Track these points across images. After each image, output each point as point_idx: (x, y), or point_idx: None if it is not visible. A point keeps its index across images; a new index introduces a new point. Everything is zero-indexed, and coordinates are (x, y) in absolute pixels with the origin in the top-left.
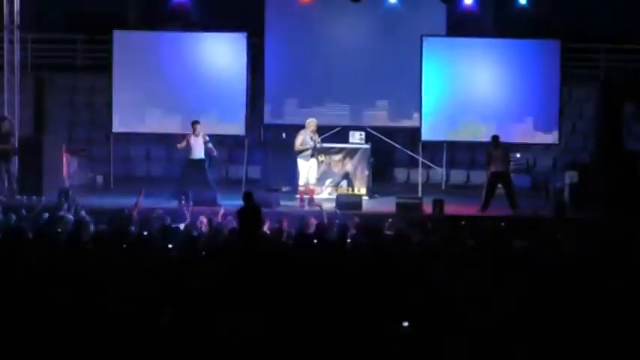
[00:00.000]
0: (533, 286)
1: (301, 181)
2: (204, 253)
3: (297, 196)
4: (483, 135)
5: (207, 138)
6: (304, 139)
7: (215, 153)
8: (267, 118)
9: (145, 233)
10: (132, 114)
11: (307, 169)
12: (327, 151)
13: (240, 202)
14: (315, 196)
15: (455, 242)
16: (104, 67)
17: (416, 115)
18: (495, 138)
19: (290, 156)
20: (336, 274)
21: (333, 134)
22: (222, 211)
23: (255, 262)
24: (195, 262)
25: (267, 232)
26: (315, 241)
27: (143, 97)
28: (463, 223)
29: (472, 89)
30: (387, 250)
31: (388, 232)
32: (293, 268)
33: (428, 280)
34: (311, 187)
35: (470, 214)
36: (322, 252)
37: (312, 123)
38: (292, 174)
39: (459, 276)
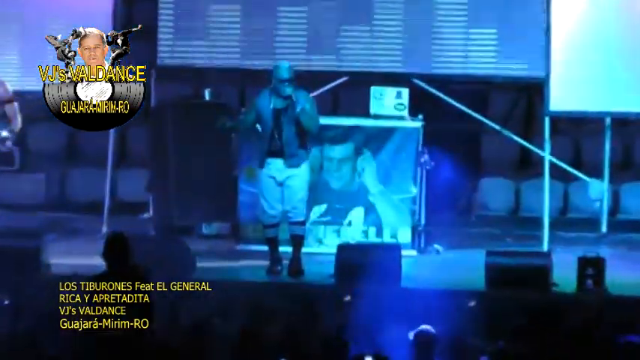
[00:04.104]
0: None
1: (270, 207)
2: None
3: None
4: None
5: (11, 93)
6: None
7: (17, 126)
8: (165, 55)
9: None
10: None
11: (273, 187)
12: (317, 138)
13: (96, 262)
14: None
15: None
16: None
17: (536, 57)
18: None
19: (221, 145)
20: None
21: (329, 92)
22: None
23: None
24: None
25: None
26: None
27: None
28: None
29: None
30: None
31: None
32: None
33: None
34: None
35: None
36: None
37: (281, 70)
38: (230, 191)
39: None
